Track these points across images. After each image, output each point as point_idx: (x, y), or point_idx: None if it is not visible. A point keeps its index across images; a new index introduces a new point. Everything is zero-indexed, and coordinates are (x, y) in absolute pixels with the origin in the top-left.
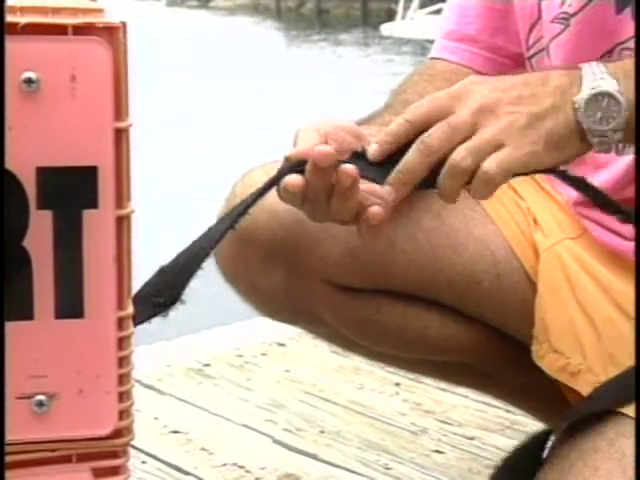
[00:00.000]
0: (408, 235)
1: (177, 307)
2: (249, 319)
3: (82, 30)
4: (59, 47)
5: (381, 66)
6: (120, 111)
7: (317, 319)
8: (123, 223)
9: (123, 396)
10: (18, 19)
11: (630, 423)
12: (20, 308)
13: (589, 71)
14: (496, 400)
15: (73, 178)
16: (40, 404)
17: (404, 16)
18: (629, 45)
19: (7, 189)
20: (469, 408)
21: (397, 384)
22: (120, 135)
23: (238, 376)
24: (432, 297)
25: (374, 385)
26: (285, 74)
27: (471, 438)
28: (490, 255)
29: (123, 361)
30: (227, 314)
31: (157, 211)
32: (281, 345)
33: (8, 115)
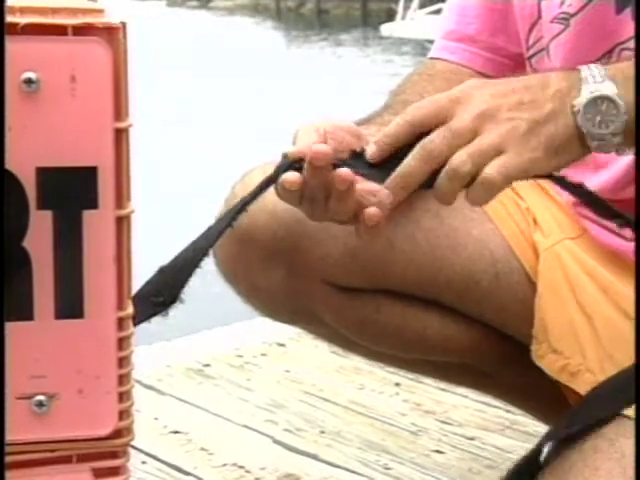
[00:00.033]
0: (407, 235)
1: (176, 307)
2: (249, 319)
3: (82, 30)
4: (59, 47)
5: (381, 66)
6: (120, 111)
7: (317, 319)
8: (123, 223)
9: (123, 396)
10: (18, 19)
11: (630, 423)
12: (20, 308)
13: (589, 74)
14: (496, 400)
15: (73, 178)
16: (40, 404)
17: (404, 16)
18: (629, 45)
19: (7, 189)
20: (469, 408)
21: (397, 384)
22: (120, 135)
23: (238, 376)
24: (431, 297)
25: (374, 385)
26: (285, 74)
27: (471, 438)
28: (489, 255)
29: (123, 361)
30: (227, 314)
31: (157, 211)
32: (281, 345)
33: (8, 115)
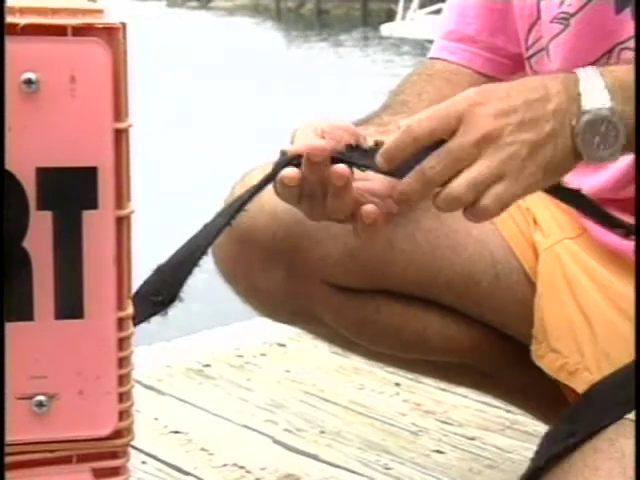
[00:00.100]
0: (407, 235)
1: (176, 305)
2: (249, 319)
3: (82, 31)
4: (59, 48)
5: (381, 66)
6: (120, 111)
7: (316, 319)
8: (123, 223)
9: (123, 397)
10: (18, 20)
11: (630, 423)
12: (20, 309)
13: (588, 86)
14: (496, 400)
15: (73, 179)
16: (40, 405)
17: (404, 16)
18: (629, 45)
19: (7, 189)
20: (469, 408)
21: (397, 384)
22: (120, 135)
23: (238, 376)
24: (431, 297)
25: (374, 385)
26: (285, 74)
27: (471, 438)
28: (489, 255)
29: (123, 362)
30: (227, 314)
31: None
32: (281, 345)
33: (8, 116)
